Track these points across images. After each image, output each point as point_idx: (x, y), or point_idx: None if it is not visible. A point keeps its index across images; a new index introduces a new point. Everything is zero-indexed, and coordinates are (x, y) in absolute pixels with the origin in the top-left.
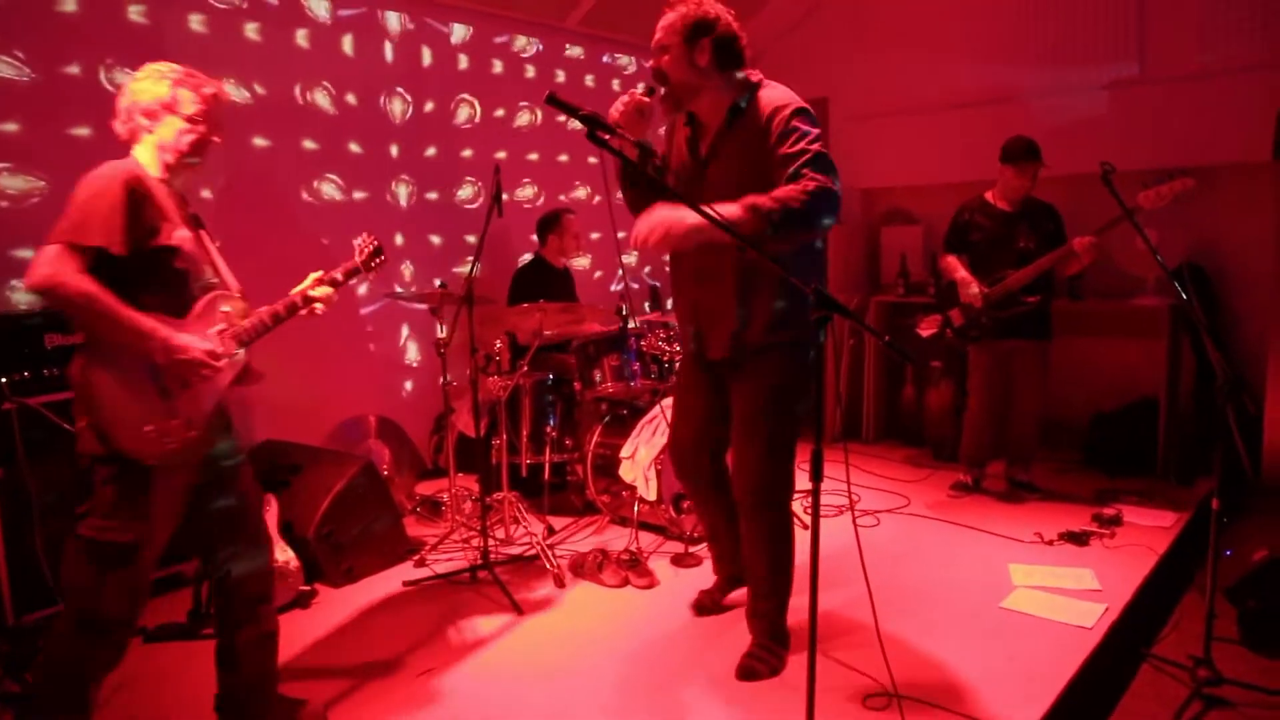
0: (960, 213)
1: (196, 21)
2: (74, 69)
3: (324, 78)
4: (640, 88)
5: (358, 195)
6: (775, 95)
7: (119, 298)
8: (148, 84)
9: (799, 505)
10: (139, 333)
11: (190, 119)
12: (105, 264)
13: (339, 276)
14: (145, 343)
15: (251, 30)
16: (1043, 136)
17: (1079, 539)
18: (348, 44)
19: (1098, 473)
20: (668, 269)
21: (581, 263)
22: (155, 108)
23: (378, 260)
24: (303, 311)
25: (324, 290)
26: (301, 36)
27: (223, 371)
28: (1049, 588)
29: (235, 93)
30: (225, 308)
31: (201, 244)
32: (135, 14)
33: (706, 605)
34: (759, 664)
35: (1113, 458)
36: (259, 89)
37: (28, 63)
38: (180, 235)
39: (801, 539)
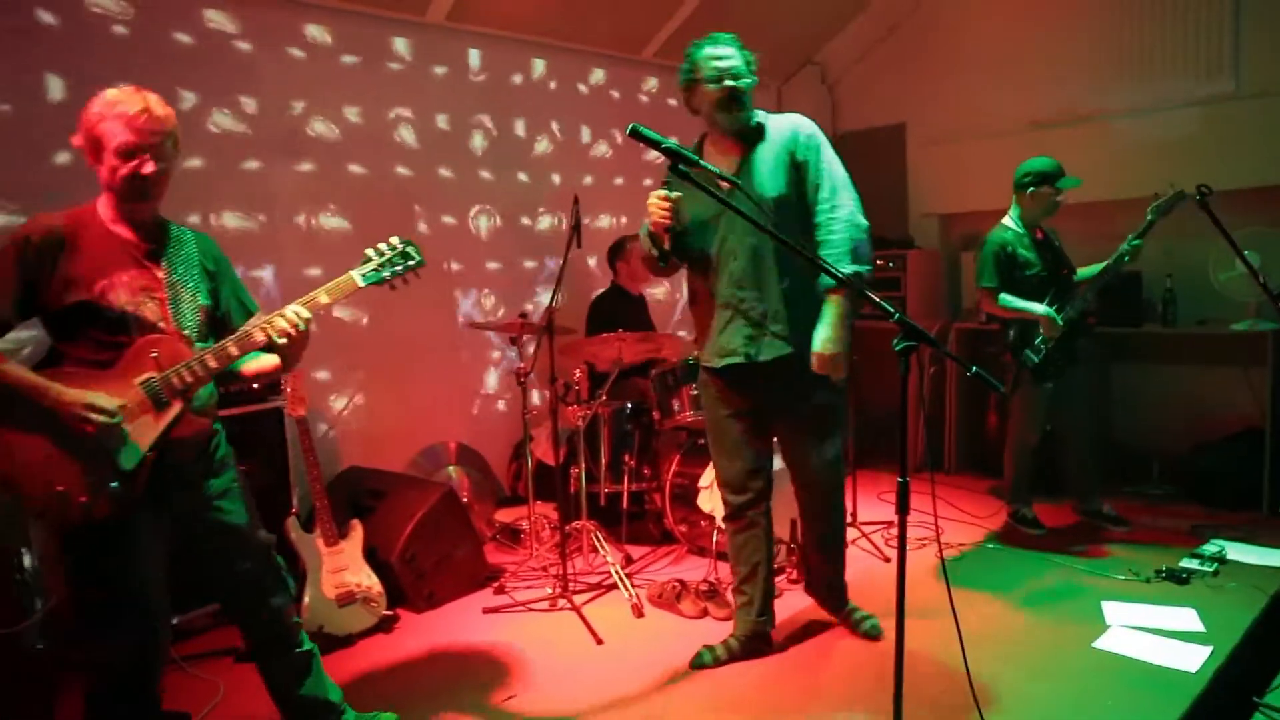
0: (1002, 248)
1: (292, 56)
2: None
3: (407, 113)
4: (661, 192)
5: (444, 221)
6: (788, 116)
7: (59, 349)
8: (84, 116)
9: (880, 538)
10: (30, 392)
11: (117, 152)
12: (10, 323)
13: (323, 297)
14: (39, 401)
15: (340, 69)
16: (1131, 156)
17: (1179, 576)
18: (430, 82)
19: (1197, 506)
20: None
21: (657, 292)
22: (87, 145)
23: (401, 268)
24: (276, 340)
25: (282, 321)
26: (386, 75)
27: (142, 423)
28: (1147, 628)
29: (325, 128)
30: (154, 354)
31: (157, 283)
32: (242, 46)
33: (709, 661)
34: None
35: (1214, 491)
36: (346, 123)
37: None
38: (106, 284)
39: (886, 572)
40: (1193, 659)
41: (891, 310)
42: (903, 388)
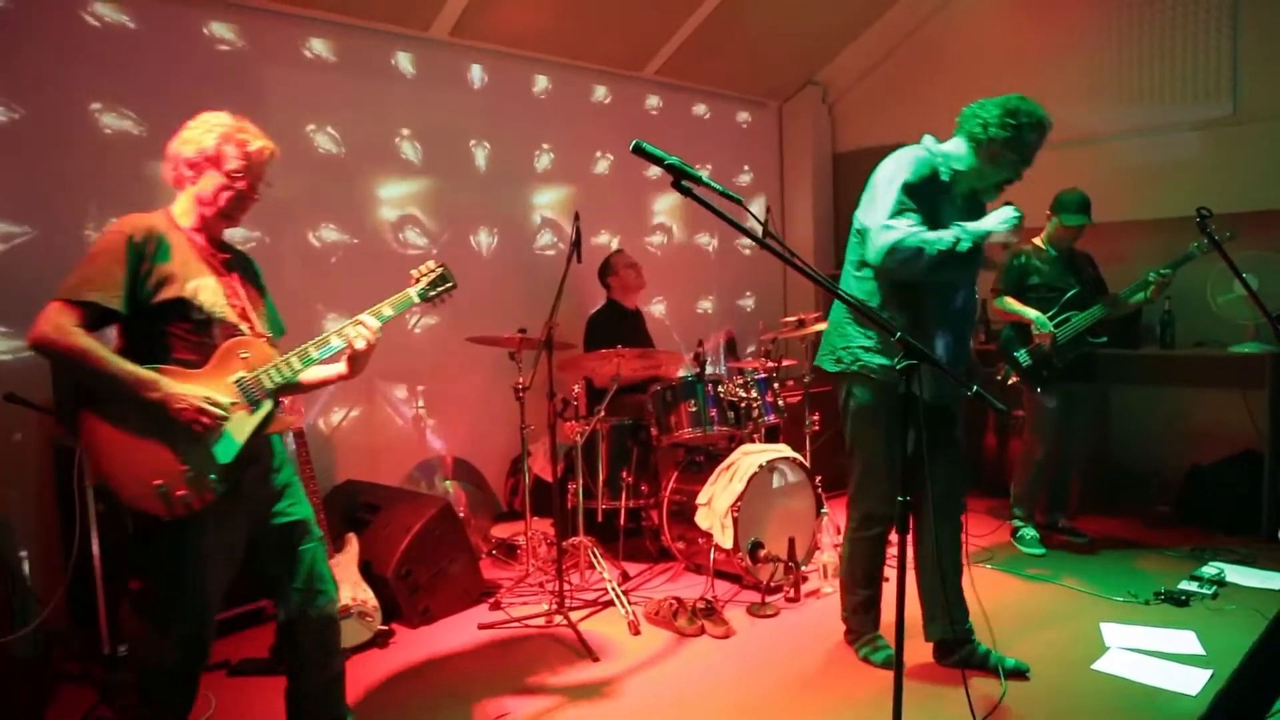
0: (1015, 256)
1: (295, 70)
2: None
3: (409, 128)
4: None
5: (441, 240)
6: None
7: (137, 348)
8: (197, 134)
9: None
10: (137, 384)
11: (230, 175)
12: (120, 315)
13: (387, 310)
14: (144, 394)
15: (343, 83)
16: (1131, 178)
17: (1178, 599)
18: (432, 97)
19: (1194, 528)
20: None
21: (657, 308)
22: (198, 160)
23: (442, 289)
24: (345, 350)
25: (360, 328)
26: (389, 90)
27: (238, 419)
28: (1146, 650)
29: (327, 142)
30: (243, 354)
31: (233, 290)
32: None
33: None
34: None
35: (1211, 513)
36: (348, 137)
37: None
38: (196, 286)
39: (887, 590)
40: (1193, 682)
41: (894, 329)
42: (904, 406)
